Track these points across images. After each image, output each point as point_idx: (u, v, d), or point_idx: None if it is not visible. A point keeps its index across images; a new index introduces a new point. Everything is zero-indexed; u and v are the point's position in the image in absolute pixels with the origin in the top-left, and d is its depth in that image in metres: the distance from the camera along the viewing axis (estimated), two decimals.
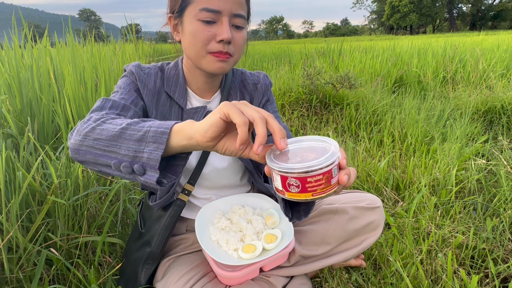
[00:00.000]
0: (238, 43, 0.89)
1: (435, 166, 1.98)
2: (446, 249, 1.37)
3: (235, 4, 0.85)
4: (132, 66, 0.99)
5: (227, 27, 0.85)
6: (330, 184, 0.55)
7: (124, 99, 0.90)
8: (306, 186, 0.55)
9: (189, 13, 0.86)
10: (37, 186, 1.23)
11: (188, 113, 1.00)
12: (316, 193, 0.55)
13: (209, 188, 1.11)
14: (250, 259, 0.94)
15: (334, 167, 0.55)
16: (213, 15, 0.84)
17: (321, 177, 0.54)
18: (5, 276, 1.07)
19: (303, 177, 0.54)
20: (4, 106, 1.53)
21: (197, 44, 0.86)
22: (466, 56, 4.65)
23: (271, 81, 1.15)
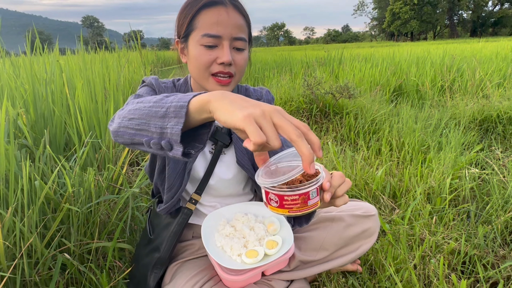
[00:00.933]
0: (239, 64, 0.97)
1: (431, 174, 2.05)
2: (439, 255, 1.43)
3: (234, 29, 0.92)
4: (152, 78, 1.07)
5: (228, 50, 0.93)
6: (306, 204, 0.62)
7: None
8: (284, 203, 0.61)
9: (193, 39, 0.94)
10: (52, 194, 1.31)
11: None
12: (292, 210, 0.62)
13: (214, 196, 1.19)
14: (252, 263, 1.01)
15: (312, 191, 0.61)
16: (214, 40, 0.92)
17: (297, 197, 0.61)
18: (24, 279, 1.15)
19: (281, 195, 0.61)
20: (20, 119, 1.61)
21: (200, 67, 0.95)
22: (464, 65, 4.74)
23: (273, 96, 1.23)
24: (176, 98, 0.64)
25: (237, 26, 0.93)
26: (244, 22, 0.96)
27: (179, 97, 0.64)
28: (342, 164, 2.16)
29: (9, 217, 1.06)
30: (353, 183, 2.02)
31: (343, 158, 2.38)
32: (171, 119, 0.62)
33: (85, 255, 1.34)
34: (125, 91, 2.59)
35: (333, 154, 2.33)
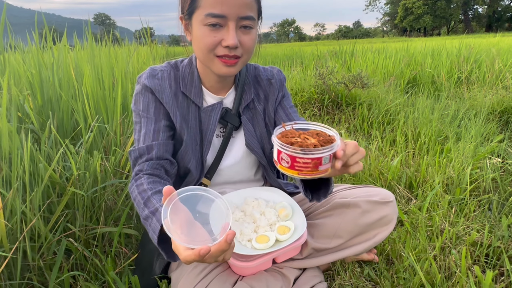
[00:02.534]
0: (246, 45, 0.89)
1: (449, 165, 1.96)
2: (460, 246, 1.36)
3: (241, 7, 0.84)
4: (145, 78, 0.99)
5: (233, 32, 0.85)
6: (317, 169, 0.63)
7: (146, 136, 0.97)
8: (295, 164, 0.63)
9: (196, 18, 0.87)
10: (57, 178, 1.28)
11: (205, 111, 1.02)
12: (302, 173, 0.63)
13: (223, 183, 1.14)
14: (263, 249, 0.95)
15: (325, 156, 0.62)
16: (218, 20, 0.84)
17: (309, 161, 0.62)
18: (27, 263, 1.11)
19: (293, 156, 0.62)
20: (27, 103, 1.59)
21: (204, 49, 0.88)
22: (482, 56, 4.58)
23: (285, 76, 1.17)
24: (154, 236, 0.79)
25: (244, 3, 0.85)
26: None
27: (152, 234, 0.81)
28: None
29: (11, 197, 1.03)
30: (368, 172, 1.95)
31: None
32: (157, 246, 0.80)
33: (91, 241, 1.30)
34: (134, 79, 2.56)
35: None
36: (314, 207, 1.20)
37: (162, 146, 0.97)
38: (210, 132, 1.03)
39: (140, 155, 0.97)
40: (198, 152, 1.04)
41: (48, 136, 1.41)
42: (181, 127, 1.01)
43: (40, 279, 1.14)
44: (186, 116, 1.02)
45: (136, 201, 0.90)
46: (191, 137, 1.03)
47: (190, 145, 1.03)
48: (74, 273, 1.13)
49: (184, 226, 0.68)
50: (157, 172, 0.97)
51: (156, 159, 0.96)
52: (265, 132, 1.11)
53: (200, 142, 1.04)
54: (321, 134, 0.69)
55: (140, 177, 0.93)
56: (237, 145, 1.10)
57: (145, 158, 0.96)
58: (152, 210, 0.84)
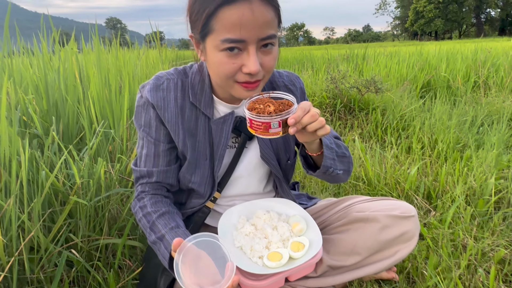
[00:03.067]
0: (268, 65, 0.80)
1: (470, 174, 1.86)
2: (486, 264, 1.26)
3: (261, 28, 0.74)
4: (148, 91, 0.91)
5: (254, 57, 0.76)
6: (268, 131, 0.77)
7: (147, 158, 0.96)
8: (252, 125, 0.78)
9: (211, 43, 0.77)
10: (60, 186, 1.22)
11: (216, 123, 0.94)
12: (257, 132, 0.78)
13: (233, 196, 1.08)
14: (276, 267, 0.88)
15: (273, 122, 0.76)
16: (237, 45, 0.75)
17: (260, 124, 0.76)
18: (25, 276, 1.06)
19: (250, 119, 0.77)
20: (31, 107, 1.54)
21: (222, 76, 0.80)
22: (499, 60, 4.44)
23: (303, 82, 1.10)
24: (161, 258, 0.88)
25: (264, 23, 0.74)
26: (274, 13, 0.77)
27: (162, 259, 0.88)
28: (370, 161, 1.99)
29: (10, 208, 0.97)
30: (383, 182, 1.86)
31: (371, 155, 2.21)
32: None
33: (93, 252, 1.24)
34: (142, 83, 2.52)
35: (361, 150, 2.17)
36: (329, 221, 1.12)
37: (162, 173, 0.97)
38: (222, 146, 0.95)
39: (141, 176, 0.98)
40: (208, 168, 0.97)
41: (52, 141, 1.36)
42: (184, 146, 0.94)
43: None
44: (193, 131, 0.94)
45: (141, 223, 0.94)
46: (199, 151, 0.96)
47: (196, 161, 0.96)
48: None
49: (193, 265, 0.73)
50: (159, 192, 0.98)
51: (157, 183, 0.98)
52: (281, 143, 1.03)
53: (210, 156, 0.96)
54: (285, 103, 0.79)
55: (143, 197, 0.96)
56: (250, 156, 1.03)
57: (146, 180, 0.98)
58: (159, 236, 0.88)
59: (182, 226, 0.92)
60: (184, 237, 0.84)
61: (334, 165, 0.93)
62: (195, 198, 1.03)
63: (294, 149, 1.08)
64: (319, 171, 0.93)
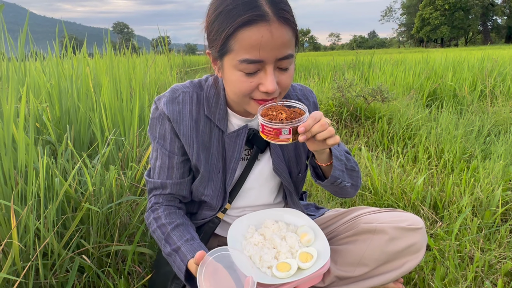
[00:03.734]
0: (285, 84, 0.82)
1: (477, 185, 1.86)
2: (493, 276, 1.26)
3: (279, 49, 0.75)
4: (164, 103, 0.92)
5: (272, 77, 0.77)
6: (278, 137, 0.80)
7: (161, 170, 0.98)
8: (264, 130, 0.81)
9: (229, 62, 0.79)
10: (72, 193, 1.25)
11: (230, 137, 0.96)
12: (268, 137, 0.82)
13: (244, 207, 1.09)
14: (284, 278, 0.90)
15: (283, 129, 0.79)
16: (255, 66, 0.77)
17: (271, 130, 0.79)
18: (39, 281, 1.08)
19: (262, 124, 0.81)
20: (45, 114, 1.58)
21: (239, 94, 0.82)
22: (506, 69, 4.43)
23: (316, 96, 1.12)
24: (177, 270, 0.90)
25: (283, 44, 0.76)
26: (292, 33, 0.78)
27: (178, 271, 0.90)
28: (376, 171, 2.00)
29: (26, 215, 1.00)
30: (390, 191, 1.86)
31: (377, 163, 2.22)
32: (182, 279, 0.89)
33: (104, 258, 1.26)
34: (151, 90, 2.55)
35: (367, 159, 2.18)
36: (337, 231, 1.13)
37: (176, 185, 0.99)
38: (235, 160, 0.97)
39: (155, 188, 1.01)
40: (220, 181, 0.99)
41: (64, 149, 1.39)
42: (197, 160, 0.96)
43: None
44: (207, 144, 0.96)
45: (155, 234, 0.96)
46: (212, 164, 0.97)
47: (209, 174, 0.98)
48: None
49: (211, 278, 0.74)
50: (172, 203, 1.01)
51: (171, 195, 1.01)
52: (293, 156, 1.05)
53: (222, 169, 0.99)
54: (297, 112, 0.83)
55: (157, 209, 0.98)
56: (261, 168, 1.04)
57: (159, 192, 1.00)
58: (174, 248, 0.90)
59: (196, 238, 0.94)
60: (199, 249, 0.87)
61: (343, 177, 0.94)
62: (206, 209, 1.05)
63: (305, 162, 1.09)
64: (327, 181, 0.94)
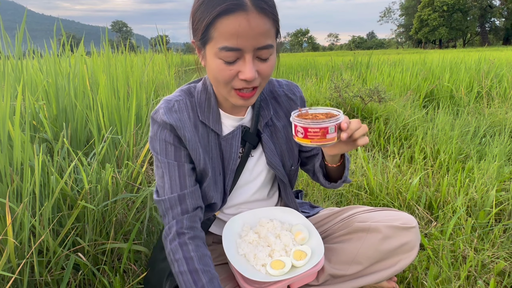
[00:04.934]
0: (264, 73, 0.83)
1: (471, 185, 1.88)
2: (485, 276, 1.27)
3: (258, 38, 0.77)
4: (162, 114, 0.90)
5: (250, 65, 0.79)
6: (325, 137, 0.78)
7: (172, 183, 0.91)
8: (307, 134, 0.78)
9: (210, 50, 0.81)
10: (68, 190, 1.25)
11: (225, 139, 0.97)
12: (313, 140, 0.78)
13: (239, 204, 1.10)
14: (278, 275, 0.90)
15: (330, 126, 0.77)
16: (234, 54, 0.78)
17: (317, 130, 0.77)
18: (34, 278, 1.09)
19: (305, 127, 0.78)
20: (42, 112, 1.58)
21: (220, 82, 0.83)
22: (503, 71, 4.46)
23: (302, 91, 1.12)
24: None
25: (261, 34, 0.78)
26: (271, 24, 0.80)
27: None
28: (372, 171, 2.01)
29: (21, 212, 1.00)
30: (385, 191, 1.88)
31: (374, 163, 2.23)
32: None
33: (100, 256, 1.27)
34: (149, 89, 2.55)
35: (363, 159, 2.19)
36: (331, 230, 1.14)
37: (194, 194, 0.93)
38: (233, 161, 0.98)
39: (171, 206, 0.91)
40: (221, 182, 0.99)
41: (61, 146, 1.39)
42: (204, 164, 0.94)
43: None
44: (207, 148, 0.96)
45: (184, 277, 0.85)
46: (213, 168, 0.97)
47: (214, 177, 0.97)
48: None
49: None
50: (196, 224, 0.93)
51: (192, 211, 0.92)
52: (285, 149, 1.06)
53: (222, 171, 0.99)
54: (329, 113, 0.83)
55: (186, 243, 0.88)
56: (254, 163, 1.05)
57: (179, 210, 0.90)
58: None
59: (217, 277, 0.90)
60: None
61: (348, 174, 1.01)
62: (207, 212, 1.04)
63: (297, 155, 1.11)
64: (340, 181, 1.02)
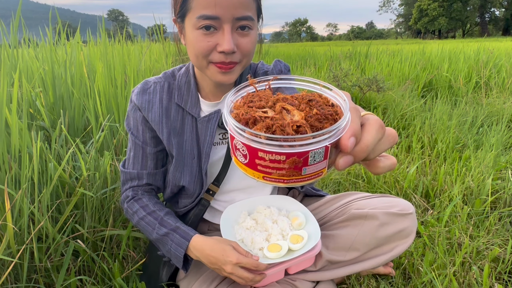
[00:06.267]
0: (245, 48, 0.81)
1: (468, 174, 1.89)
2: (480, 262, 1.29)
3: (237, 7, 0.76)
4: (135, 94, 0.96)
5: (229, 35, 0.77)
6: (299, 172, 0.34)
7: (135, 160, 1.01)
8: (256, 162, 0.34)
9: (189, 21, 0.80)
10: (67, 178, 1.25)
11: (202, 122, 0.96)
12: (269, 177, 0.35)
13: (231, 191, 1.10)
14: (275, 258, 0.91)
15: (316, 150, 0.33)
16: (212, 22, 0.76)
17: (283, 158, 0.33)
18: (34, 264, 1.09)
19: (253, 148, 0.33)
20: (39, 100, 1.57)
21: (198, 54, 0.81)
22: (502, 61, 4.45)
23: (286, 65, 1.06)
24: (173, 246, 0.93)
25: (240, 3, 0.76)
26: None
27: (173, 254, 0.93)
28: None
29: (20, 198, 1.00)
30: (382, 180, 1.89)
31: None
32: (174, 259, 0.95)
33: (99, 243, 1.28)
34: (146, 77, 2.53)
35: None
36: (329, 217, 1.15)
37: (151, 175, 1.02)
38: (208, 144, 0.97)
39: (131, 179, 1.02)
40: (196, 166, 0.99)
41: (59, 134, 1.39)
42: (169, 143, 0.97)
43: (46, 281, 1.12)
44: (179, 130, 0.97)
45: (145, 220, 0.97)
46: (186, 150, 0.98)
47: (183, 159, 0.98)
48: (81, 277, 1.11)
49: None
50: (152, 194, 1.04)
51: (147, 186, 1.03)
52: None
53: (198, 155, 0.98)
54: (316, 102, 0.38)
55: (140, 198, 1.00)
56: None
57: (136, 183, 1.02)
58: (173, 228, 0.93)
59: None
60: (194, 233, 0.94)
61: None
62: (185, 198, 1.05)
63: None
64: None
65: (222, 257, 0.85)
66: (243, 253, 0.86)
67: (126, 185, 1.03)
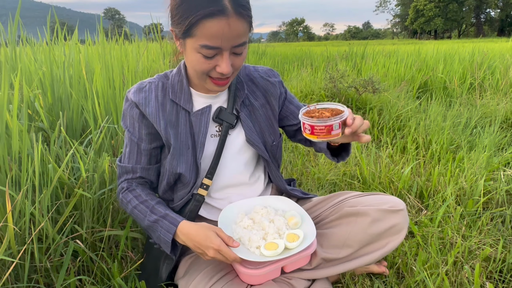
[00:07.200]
0: (237, 65, 0.92)
1: (461, 175, 1.93)
2: (472, 261, 1.33)
3: (235, 39, 0.86)
4: (132, 93, 1.04)
5: (227, 61, 0.88)
6: (330, 134, 0.85)
7: (130, 155, 1.07)
8: (314, 131, 0.86)
9: (191, 44, 0.88)
10: (66, 179, 1.27)
11: (195, 115, 1.04)
12: (320, 137, 0.86)
13: (226, 187, 1.13)
14: (272, 256, 0.94)
15: (334, 124, 0.84)
16: (214, 51, 0.86)
17: (323, 128, 0.85)
18: (34, 264, 1.11)
19: (312, 125, 0.86)
20: (37, 101, 1.58)
21: (198, 72, 0.92)
22: (496, 62, 4.50)
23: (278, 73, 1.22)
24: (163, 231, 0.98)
25: (238, 35, 0.86)
26: (246, 24, 0.88)
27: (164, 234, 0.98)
28: (365, 160, 2.05)
29: (21, 199, 1.02)
30: (377, 180, 1.92)
31: (367, 154, 2.26)
32: (163, 245, 1.00)
33: (97, 243, 1.29)
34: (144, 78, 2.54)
35: (357, 149, 2.22)
36: (323, 216, 1.18)
37: (145, 170, 1.09)
38: (202, 134, 1.04)
39: (126, 172, 1.09)
40: (190, 156, 1.05)
41: (57, 135, 1.40)
42: (166, 133, 1.03)
43: (46, 281, 1.13)
44: (174, 123, 1.04)
45: (137, 209, 1.03)
46: (181, 142, 1.04)
47: (180, 149, 1.04)
48: (81, 277, 1.13)
49: None
50: (146, 186, 1.11)
51: (142, 179, 1.10)
52: (265, 126, 1.12)
53: (192, 145, 1.05)
54: (334, 110, 0.89)
55: (134, 189, 1.07)
56: (235, 142, 1.10)
57: (130, 176, 1.09)
58: (162, 215, 0.99)
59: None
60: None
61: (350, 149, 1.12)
62: (181, 188, 1.08)
63: (278, 131, 1.17)
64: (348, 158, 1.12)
65: (205, 242, 0.90)
66: (225, 239, 0.92)
67: (121, 178, 1.10)
